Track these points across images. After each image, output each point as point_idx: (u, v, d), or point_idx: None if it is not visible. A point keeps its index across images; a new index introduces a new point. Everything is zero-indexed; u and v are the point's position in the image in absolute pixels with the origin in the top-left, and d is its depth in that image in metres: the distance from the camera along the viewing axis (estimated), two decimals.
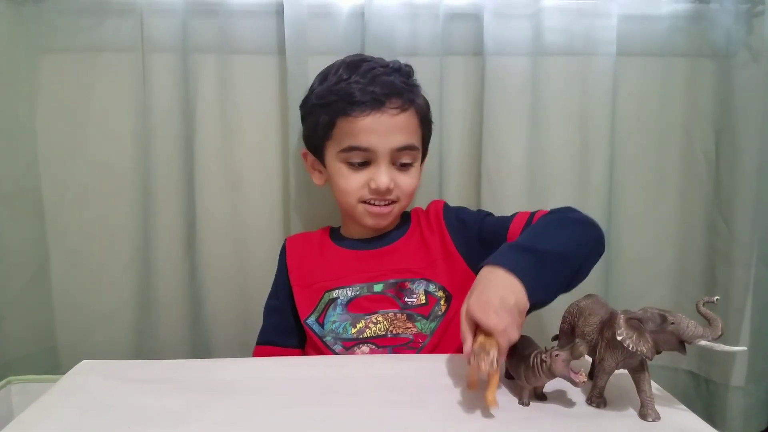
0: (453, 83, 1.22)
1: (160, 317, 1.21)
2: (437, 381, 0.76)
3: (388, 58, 1.07)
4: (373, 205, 1.00)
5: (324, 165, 1.05)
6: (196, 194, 1.21)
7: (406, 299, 0.97)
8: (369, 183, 0.98)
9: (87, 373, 0.80)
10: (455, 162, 1.25)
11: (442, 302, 0.97)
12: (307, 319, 0.99)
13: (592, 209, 1.22)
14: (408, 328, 0.95)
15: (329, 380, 0.78)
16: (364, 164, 0.99)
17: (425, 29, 1.18)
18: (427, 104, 1.06)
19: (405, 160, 1.00)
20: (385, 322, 0.96)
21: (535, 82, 1.20)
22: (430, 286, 0.98)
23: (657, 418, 0.66)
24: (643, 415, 0.66)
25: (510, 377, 0.75)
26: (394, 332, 0.95)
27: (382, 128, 0.96)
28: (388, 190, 0.98)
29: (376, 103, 0.95)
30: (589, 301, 0.74)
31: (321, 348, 0.97)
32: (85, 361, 0.84)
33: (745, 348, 0.67)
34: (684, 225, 1.30)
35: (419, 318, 0.96)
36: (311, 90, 1.06)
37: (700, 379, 1.32)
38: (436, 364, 0.82)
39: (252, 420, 0.67)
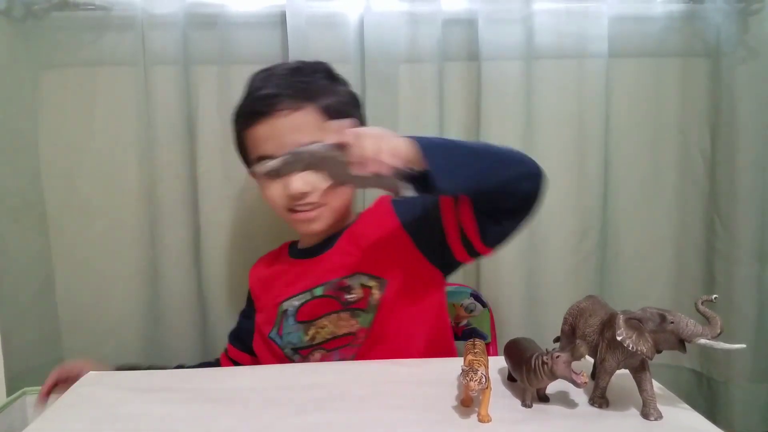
0: (449, 88, 1.23)
1: (167, 327, 1.22)
2: (439, 385, 0.76)
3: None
4: (298, 212, 0.96)
5: None
6: (200, 205, 1.23)
7: (346, 296, 0.94)
8: (285, 190, 0.94)
9: (94, 384, 0.81)
10: None
11: (374, 290, 0.94)
12: (269, 333, 0.99)
13: (589, 210, 1.24)
14: (352, 325, 0.93)
15: (333, 386, 0.78)
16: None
17: (424, 36, 1.19)
18: (342, 100, 0.97)
19: None
20: (330, 325, 0.95)
21: (528, 85, 1.21)
22: (363, 277, 0.95)
23: (659, 417, 0.66)
24: (645, 415, 0.67)
25: (512, 380, 0.75)
26: (339, 333, 0.94)
27: (277, 132, 0.93)
28: (305, 194, 0.93)
29: (267, 108, 0.93)
30: (589, 302, 0.75)
31: (282, 360, 0.97)
32: (91, 372, 0.85)
33: (744, 345, 0.66)
34: (681, 224, 1.31)
35: (360, 313, 0.94)
36: None
37: (702, 378, 1.33)
38: (437, 368, 0.83)
39: (258, 428, 0.67)
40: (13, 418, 0.88)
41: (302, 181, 0.92)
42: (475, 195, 0.84)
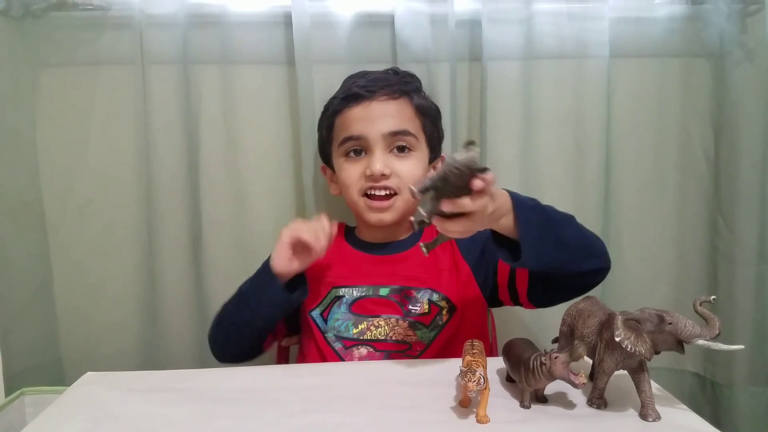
0: (455, 88, 1.23)
1: (166, 328, 1.22)
2: (438, 385, 0.76)
3: (394, 64, 1.11)
4: (373, 198, 1.00)
5: (334, 171, 1.07)
6: (201, 205, 1.22)
7: (410, 307, 0.98)
8: (365, 171, 0.99)
9: (92, 384, 0.81)
10: None
11: (444, 312, 0.97)
12: (312, 311, 1.00)
13: (590, 210, 1.23)
14: (408, 335, 0.96)
15: (332, 387, 0.78)
16: (362, 156, 1.01)
17: (435, 36, 1.19)
18: (430, 105, 1.07)
19: (401, 143, 1.00)
20: (386, 327, 0.97)
21: (529, 85, 1.21)
22: (434, 295, 0.98)
23: (657, 418, 0.66)
24: (643, 416, 0.67)
25: (511, 380, 0.75)
26: (393, 338, 0.96)
27: (371, 115, 1.00)
28: (384, 176, 0.98)
29: (366, 93, 1.00)
30: (587, 303, 0.75)
31: (320, 342, 0.98)
32: (89, 372, 0.85)
33: (742, 346, 0.66)
34: (684, 224, 1.30)
35: (420, 326, 0.96)
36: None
37: (706, 381, 1.32)
38: (437, 368, 0.83)
39: (257, 428, 0.67)
40: (12, 417, 0.88)
41: (383, 162, 0.98)
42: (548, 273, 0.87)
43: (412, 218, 0.73)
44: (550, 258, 0.78)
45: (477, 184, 0.64)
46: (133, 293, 1.22)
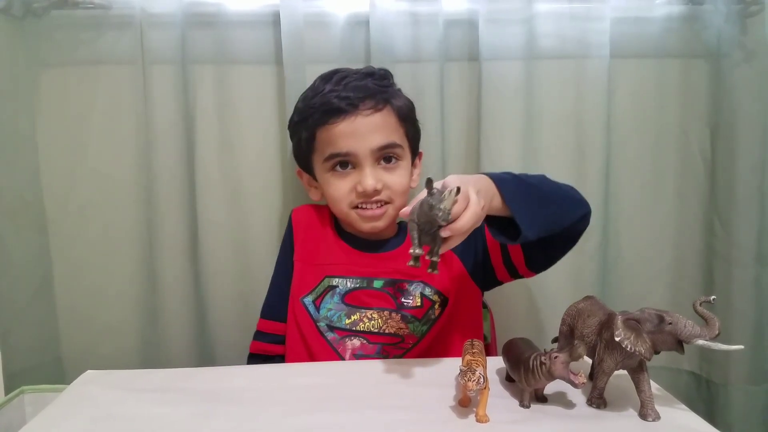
0: (451, 88, 1.23)
1: (165, 327, 1.21)
2: (437, 386, 0.76)
3: (386, 65, 1.09)
4: (365, 208, 1.00)
5: (316, 179, 1.07)
6: (197, 204, 1.22)
7: (403, 300, 0.98)
8: (356, 187, 0.99)
9: (91, 383, 0.81)
10: (454, 166, 1.25)
11: (436, 306, 0.98)
12: (304, 297, 1.00)
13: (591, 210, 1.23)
14: (401, 328, 0.97)
15: (332, 387, 0.78)
16: (350, 169, 1.00)
17: (425, 36, 1.19)
18: (408, 105, 1.06)
19: (388, 155, 1.00)
20: (379, 320, 0.97)
21: (529, 86, 1.21)
22: (427, 289, 0.99)
23: (657, 417, 0.66)
24: (643, 415, 0.67)
25: (510, 380, 0.76)
26: (386, 331, 0.97)
27: (358, 130, 0.97)
28: (376, 192, 0.98)
29: (349, 107, 0.97)
30: (587, 303, 0.75)
31: (311, 330, 0.98)
32: (89, 371, 0.85)
33: (742, 347, 0.66)
34: (682, 225, 1.30)
35: (412, 320, 0.97)
36: (294, 109, 1.07)
37: (701, 380, 1.33)
38: (437, 368, 0.83)
39: (256, 428, 0.67)
40: (12, 416, 0.88)
41: (374, 178, 0.97)
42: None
43: (410, 263, 0.72)
44: (543, 219, 0.80)
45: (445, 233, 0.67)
46: (133, 293, 1.22)
